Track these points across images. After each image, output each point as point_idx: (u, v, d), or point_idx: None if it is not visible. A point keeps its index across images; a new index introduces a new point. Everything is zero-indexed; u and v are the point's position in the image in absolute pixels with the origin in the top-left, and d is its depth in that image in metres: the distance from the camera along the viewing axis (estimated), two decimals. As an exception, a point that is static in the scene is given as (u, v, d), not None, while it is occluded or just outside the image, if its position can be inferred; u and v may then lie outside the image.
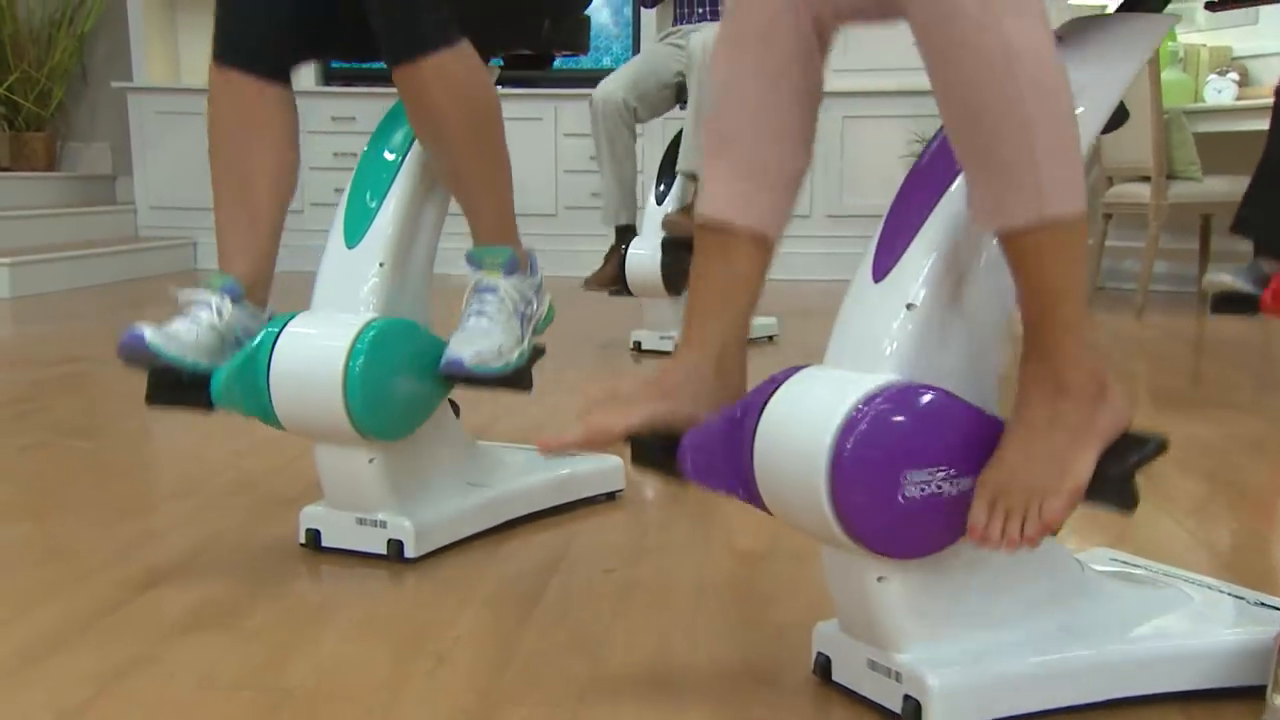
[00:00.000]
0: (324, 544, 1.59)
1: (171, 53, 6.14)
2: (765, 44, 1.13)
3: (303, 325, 1.50)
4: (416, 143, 1.60)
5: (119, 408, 2.54)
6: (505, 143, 1.62)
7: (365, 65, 6.06)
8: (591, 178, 5.75)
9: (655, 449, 1.17)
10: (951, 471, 1.00)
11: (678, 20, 3.49)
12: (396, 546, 1.54)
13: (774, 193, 1.17)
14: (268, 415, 1.52)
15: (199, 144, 6.50)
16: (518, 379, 1.56)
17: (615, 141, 3.31)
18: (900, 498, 0.98)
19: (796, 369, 1.10)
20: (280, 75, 1.61)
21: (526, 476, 1.76)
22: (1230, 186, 4.12)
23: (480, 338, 1.53)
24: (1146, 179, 4.15)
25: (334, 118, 5.83)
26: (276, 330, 1.50)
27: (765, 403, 1.07)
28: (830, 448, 0.98)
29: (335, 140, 5.83)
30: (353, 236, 1.56)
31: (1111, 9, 1.17)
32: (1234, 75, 4.53)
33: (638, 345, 3.36)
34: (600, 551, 1.61)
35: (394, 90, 1.54)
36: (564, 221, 5.82)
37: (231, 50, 1.59)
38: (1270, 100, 2.95)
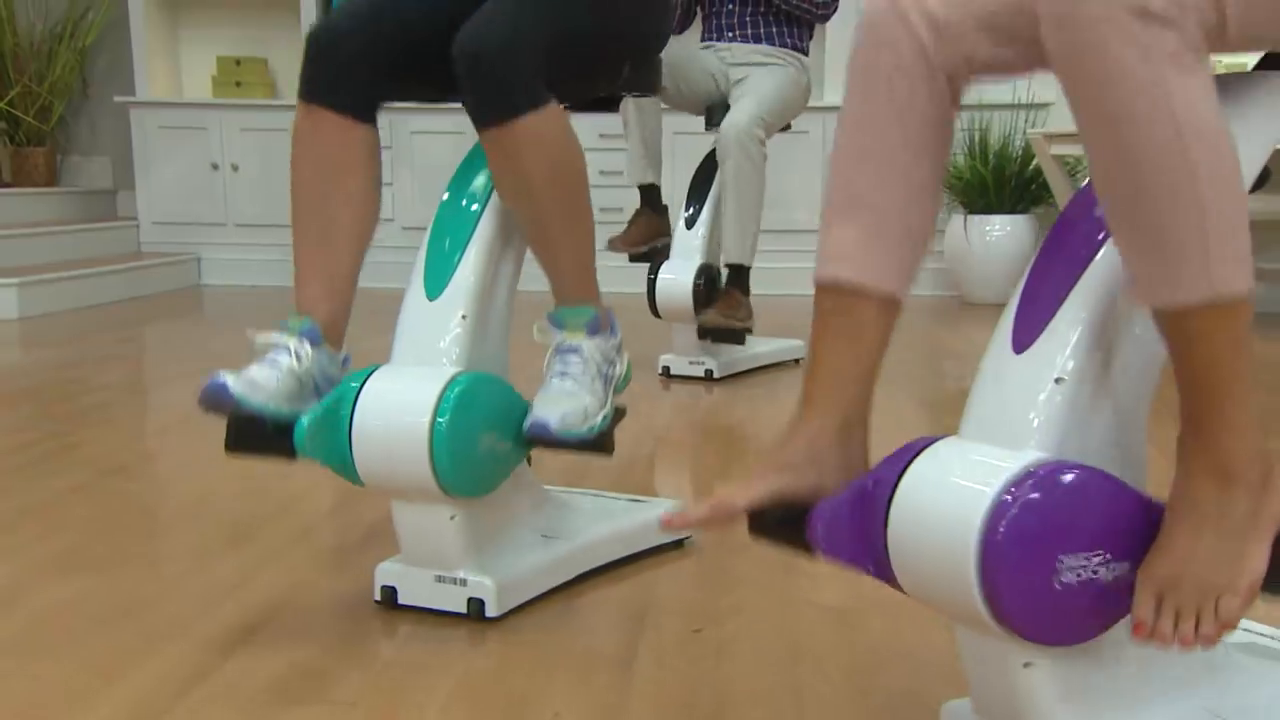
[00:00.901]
0: (400, 601, 1.56)
1: (173, 66, 6.08)
2: (895, 95, 1.10)
3: (386, 380, 1.47)
4: (496, 191, 1.57)
5: (152, 444, 2.50)
6: (590, 201, 1.59)
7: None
8: (600, 193, 5.73)
9: (776, 521, 1.14)
10: (1108, 556, 0.97)
11: (706, 39, 3.46)
12: (477, 605, 1.51)
13: (903, 251, 1.13)
14: (348, 471, 1.48)
15: (201, 159, 6.52)
16: (601, 443, 1.53)
17: (642, 101, 3.27)
18: (1056, 584, 0.95)
19: (928, 440, 1.07)
20: (368, 115, 1.58)
21: (598, 526, 1.73)
22: (1260, 204, 4.12)
23: (566, 400, 1.50)
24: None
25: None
26: (358, 385, 1.47)
27: (900, 477, 1.04)
28: (980, 531, 0.95)
29: (341, 155, 5.78)
30: (434, 288, 1.52)
31: (1250, 66, 1.14)
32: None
33: (666, 370, 3.33)
34: (681, 608, 1.58)
35: (404, 105, 1.52)
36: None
37: (321, 88, 1.55)
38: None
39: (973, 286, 5.16)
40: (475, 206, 1.56)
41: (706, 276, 3.19)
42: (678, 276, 3.21)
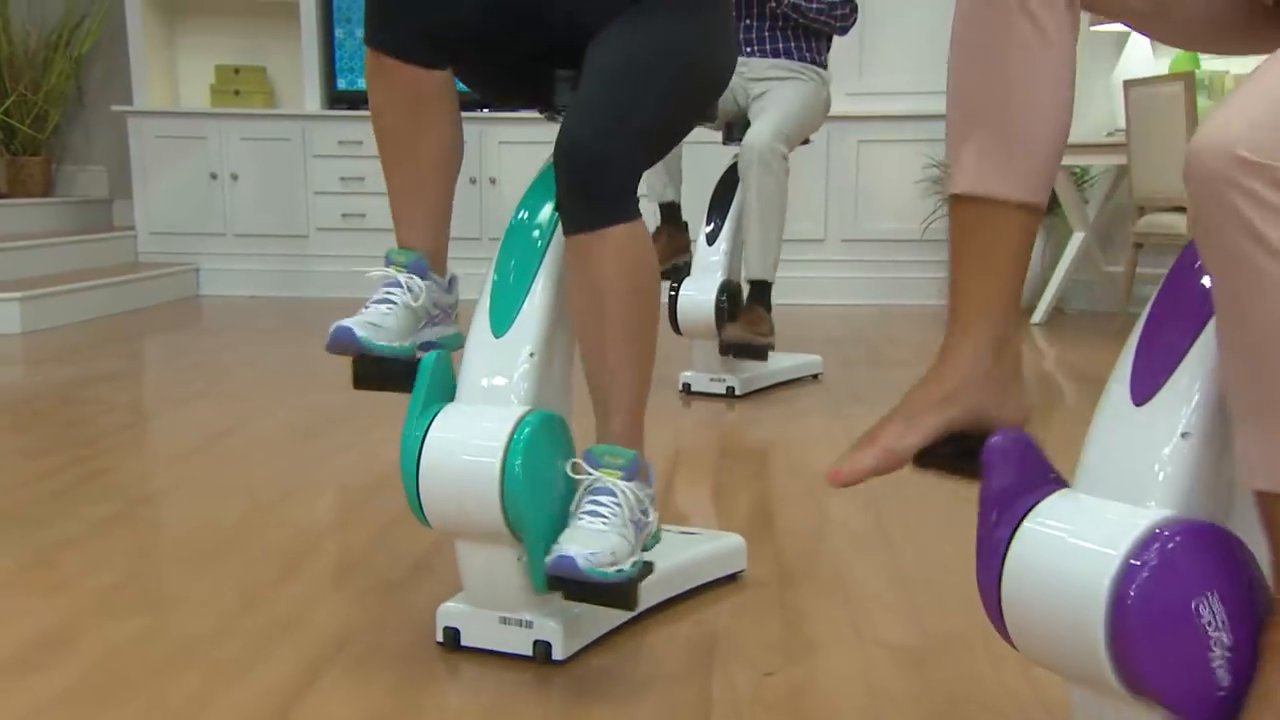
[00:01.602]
0: (463, 643, 1.53)
1: (171, 75, 6.02)
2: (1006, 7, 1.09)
3: (453, 420, 1.44)
4: (557, 234, 1.53)
5: (179, 470, 2.46)
6: (657, 336, 1.54)
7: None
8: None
9: (951, 456, 1.13)
10: (1236, 617, 0.95)
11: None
12: (544, 648, 1.48)
13: (1033, 159, 1.12)
14: (414, 511, 1.46)
15: (200, 168, 6.48)
16: (626, 593, 1.38)
17: None
18: (1188, 646, 0.93)
19: (1042, 489, 1.05)
20: (436, 61, 1.55)
21: (656, 562, 1.70)
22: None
23: (595, 539, 1.37)
24: (1177, 209, 4.15)
25: (340, 141, 5.73)
26: (425, 424, 1.44)
27: (1014, 533, 1.02)
28: (1109, 594, 0.93)
29: (341, 165, 5.74)
30: (500, 325, 1.49)
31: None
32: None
33: (687, 387, 3.30)
34: (748, 648, 1.55)
35: None
36: (576, 247, 5.75)
37: (384, 37, 1.54)
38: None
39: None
40: (541, 239, 1.53)
41: (728, 293, 3.17)
42: (699, 293, 3.18)
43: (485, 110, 5.67)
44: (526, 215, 1.56)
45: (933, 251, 5.43)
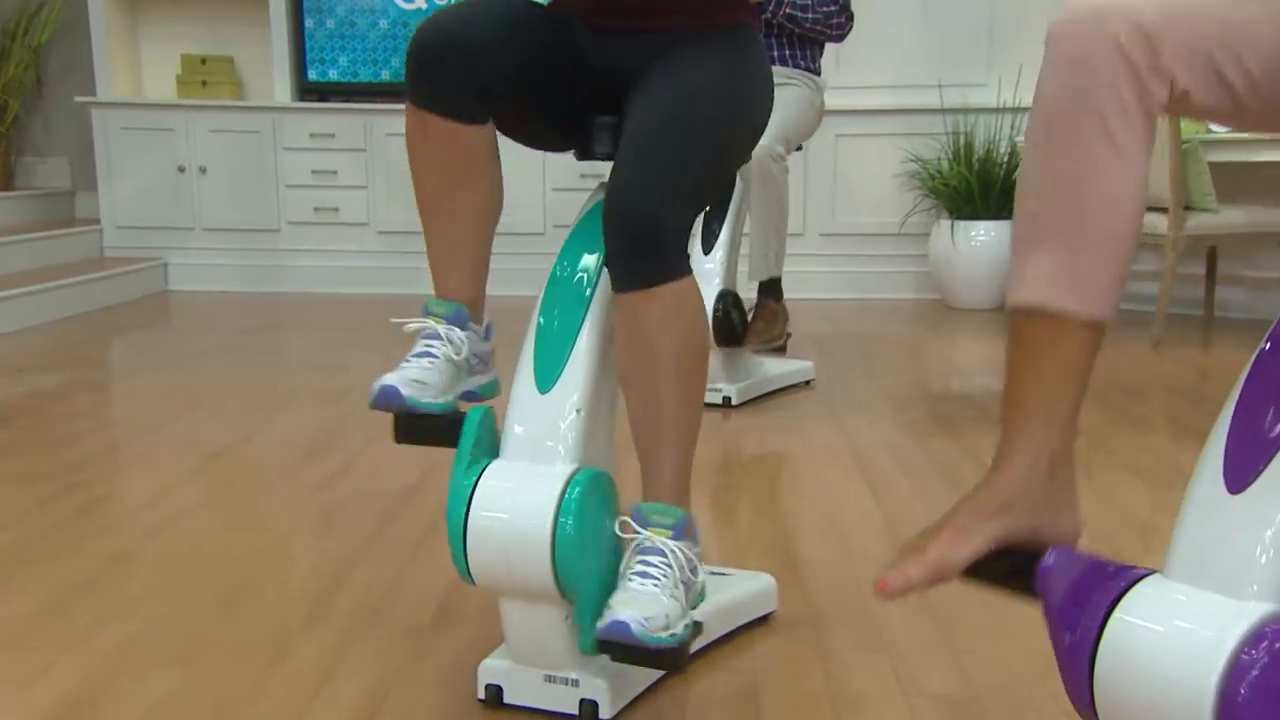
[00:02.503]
0: (506, 700, 1.50)
1: (134, 66, 5.87)
2: (1094, 117, 1.07)
3: (501, 479, 1.41)
4: (603, 282, 1.50)
5: (184, 494, 2.40)
6: (704, 390, 1.50)
7: (352, 80, 5.82)
8: (580, 196, 5.66)
9: (1003, 571, 1.11)
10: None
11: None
12: (591, 707, 1.46)
13: (1105, 274, 1.10)
14: (460, 570, 1.43)
15: (167, 161, 6.34)
16: (677, 657, 1.35)
17: None
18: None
19: (1129, 574, 1.04)
20: (479, 117, 1.51)
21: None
22: (1246, 217, 4.17)
23: (648, 602, 1.34)
24: (1155, 209, 4.17)
25: (312, 134, 5.63)
26: (471, 483, 1.40)
27: (1103, 624, 1.01)
28: (1216, 692, 0.92)
29: (314, 157, 5.64)
30: (546, 380, 1.46)
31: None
32: (1235, 103, 4.56)
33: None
34: (793, 701, 1.54)
35: (375, 106, 1.47)
36: (553, 240, 5.69)
37: (425, 96, 1.49)
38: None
39: (957, 291, 5.17)
40: (587, 290, 1.50)
41: (725, 304, 3.15)
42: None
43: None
44: (569, 266, 1.53)
45: (911, 245, 5.43)
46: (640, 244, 1.39)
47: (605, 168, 1.49)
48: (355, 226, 5.71)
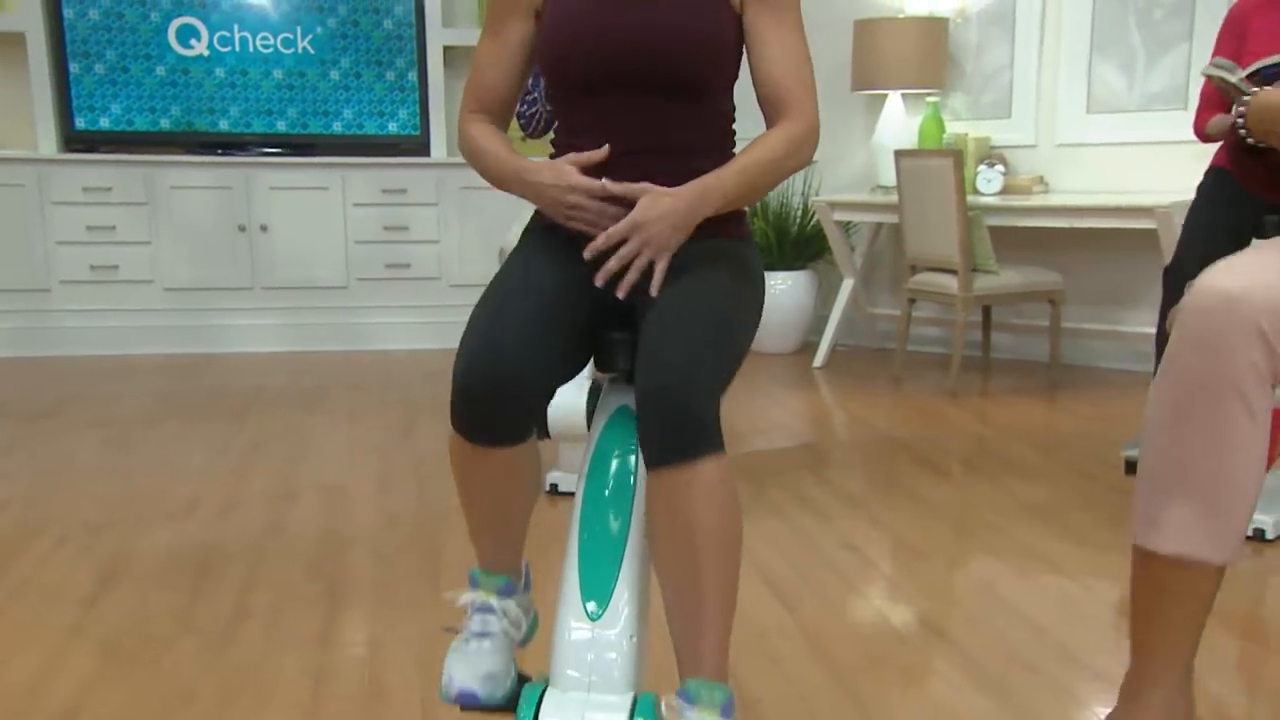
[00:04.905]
0: None
1: None
2: (1226, 380, 1.14)
3: (562, 712, 1.33)
4: (640, 491, 1.44)
5: (82, 667, 2.13)
6: (740, 563, 1.45)
7: (127, 129, 5.36)
8: (383, 248, 5.44)
9: None
10: None
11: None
12: None
13: (1237, 525, 1.17)
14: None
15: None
16: None
17: None
18: None
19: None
20: (524, 436, 1.44)
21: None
22: (1021, 278, 4.49)
23: None
24: (944, 270, 4.43)
25: (85, 188, 5.15)
26: (532, 711, 1.32)
27: None
28: None
29: (88, 212, 5.18)
30: (596, 604, 1.38)
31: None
32: (1000, 166, 4.91)
33: (554, 488, 3.22)
34: None
35: (156, 157, 1.41)
36: (355, 294, 5.46)
37: (474, 431, 1.43)
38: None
39: (760, 338, 5.31)
40: (626, 504, 1.43)
41: (597, 394, 3.10)
42: (567, 397, 3.09)
43: (253, 153, 5.27)
44: (598, 477, 1.46)
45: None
46: (675, 414, 1.33)
47: (413, 214, 1.46)
48: (139, 284, 5.27)
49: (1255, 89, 2.69)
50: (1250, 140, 1.36)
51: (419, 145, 5.51)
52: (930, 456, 3.58)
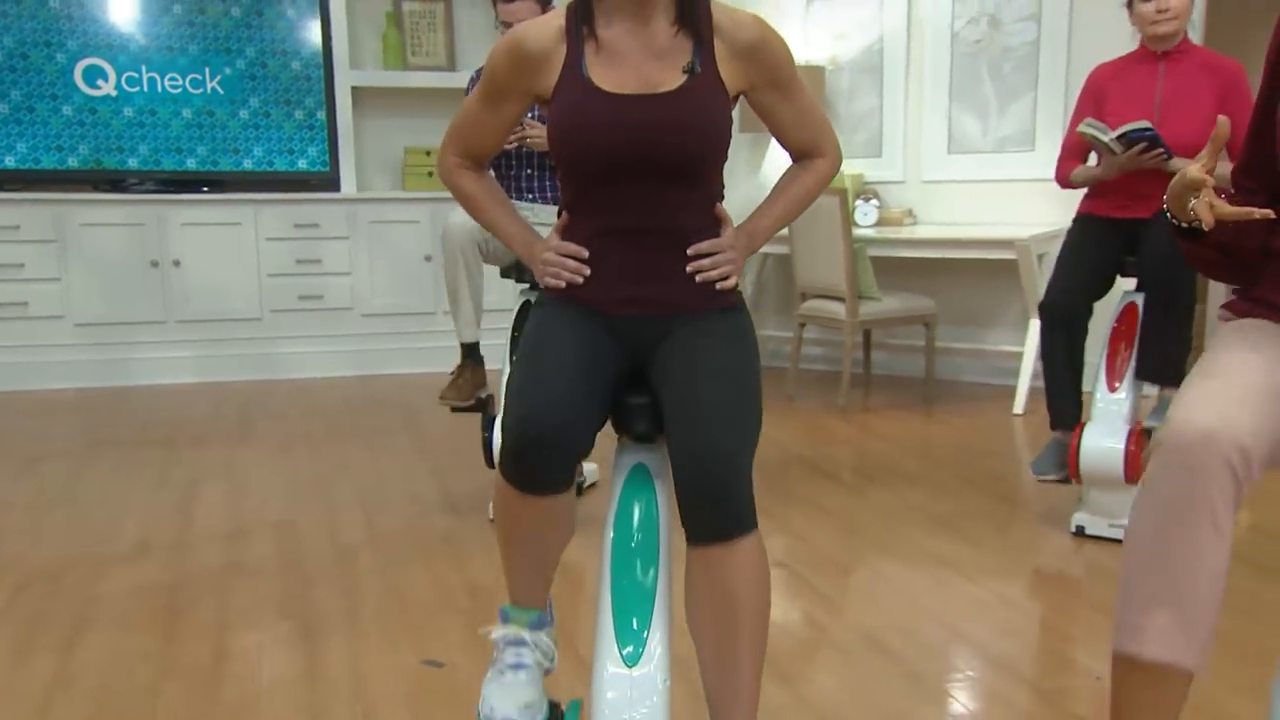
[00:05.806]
0: None
1: None
2: (1202, 506, 1.26)
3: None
4: (661, 537, 1.55)
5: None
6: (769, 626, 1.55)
7: (34, 167, 5.20)
8: (296, 280, 5.40)
9: None
10: None
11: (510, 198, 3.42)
12: None
13: (1208, 634, 1.29)
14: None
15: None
16: None
17: (470, 262, 3.21)
18: None
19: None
20: (568, 485, 1.55)
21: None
22: (900, 304, 4.76)
23: None
24: (832, 297, 4.66)
25: (-7, 226, 4.98)
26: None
27: None
28: None
29: (-4, 250, 5.00)
30: (631, 656, 1.49)
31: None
32: (875, 200, 5.18)
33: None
34: None
35: (64, 196, 1.50)
36: (269, 325, 5.40)
37: (525, 482, 1.52)
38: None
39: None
40: (653, 558, 1.54)
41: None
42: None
43: (164, 190, 5.18)
44: (623, 532, 1.56)
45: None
46: (720, 491, 1.42)
47: (325, 247, 1.56)
48: (49, 320, 5.12)
49: (1121, 149, 2.97)
50: (1183, 224, 1.44)
51: (329, 181, 5.49)
52: (833, 470, 3.78)
